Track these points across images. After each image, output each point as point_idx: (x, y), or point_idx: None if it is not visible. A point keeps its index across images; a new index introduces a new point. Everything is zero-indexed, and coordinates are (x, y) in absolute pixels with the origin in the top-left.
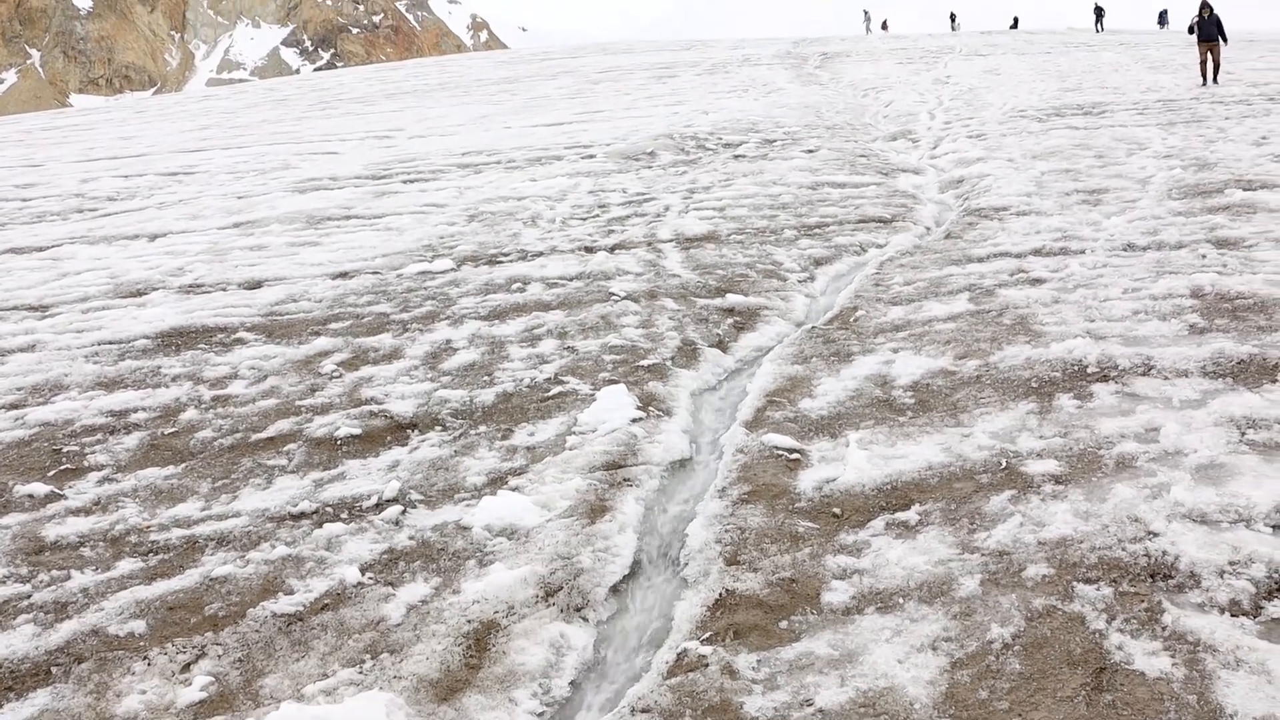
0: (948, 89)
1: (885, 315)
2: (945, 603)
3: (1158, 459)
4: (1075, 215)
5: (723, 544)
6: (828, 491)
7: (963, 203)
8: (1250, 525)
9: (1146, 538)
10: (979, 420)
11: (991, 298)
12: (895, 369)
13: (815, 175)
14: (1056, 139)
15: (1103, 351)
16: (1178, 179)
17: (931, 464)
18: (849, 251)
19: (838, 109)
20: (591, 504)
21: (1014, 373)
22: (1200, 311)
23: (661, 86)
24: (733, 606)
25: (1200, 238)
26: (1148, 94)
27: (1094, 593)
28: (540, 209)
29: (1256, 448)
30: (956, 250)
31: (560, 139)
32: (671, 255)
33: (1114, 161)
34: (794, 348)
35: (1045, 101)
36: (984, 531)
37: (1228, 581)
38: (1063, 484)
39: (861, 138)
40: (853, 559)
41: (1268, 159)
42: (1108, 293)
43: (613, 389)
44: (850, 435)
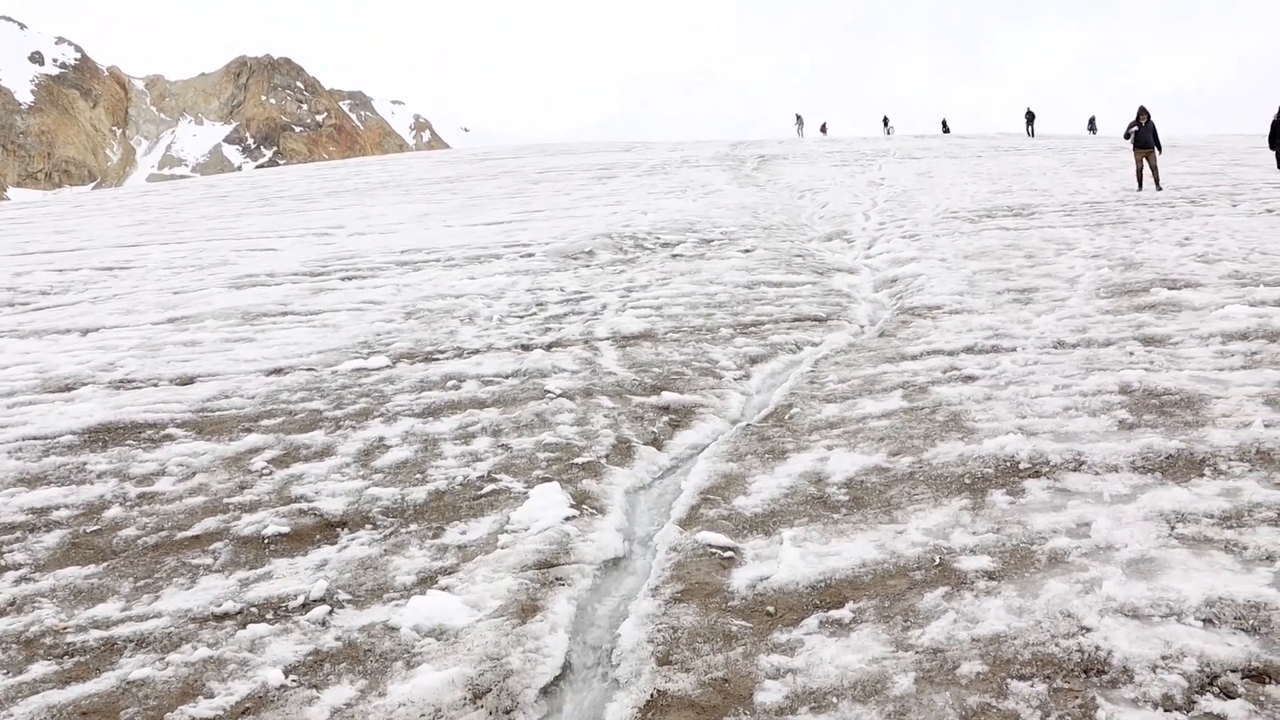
0: (882, 190)
1: (820, 413)
2: (879, 701)
3: (1089, 554)
4: (1006, 313)
5: (655, 644)
6: (761, 590)
7: (897, 301)
8: (1181, 619)
9: (1079, 633)
10: (913, 517)
11: (925, 395)
12: (830, 466)
13: (752, 274)
14: (988, 239)
15: (1034, 447)
16: (1105, 278)
17: (865, 561)
18: (784, 349)
19: (774, 210)
20: (523, 603)
21: (947, 469)
22: (1129, 407)
23: (601, 187)
24: (664, 708)
25: (1128, 335)
26: (1075, 196)
27: (1028, 690)
28: (478, 307)
29: (1186, 541)
30: (890, 348)
31: (499, 238)
32: (608, 353)
33: (1043, 261)
34: (729, 445)
35: (977, 203)
36: (918, 629)
37: (1160, 676)
38: (996, 580)
39: (798, 238)
40: (786, 658)
41: (1191, 259)
42: (1039, 389)
43: (546, 487)
44: (784, 533)
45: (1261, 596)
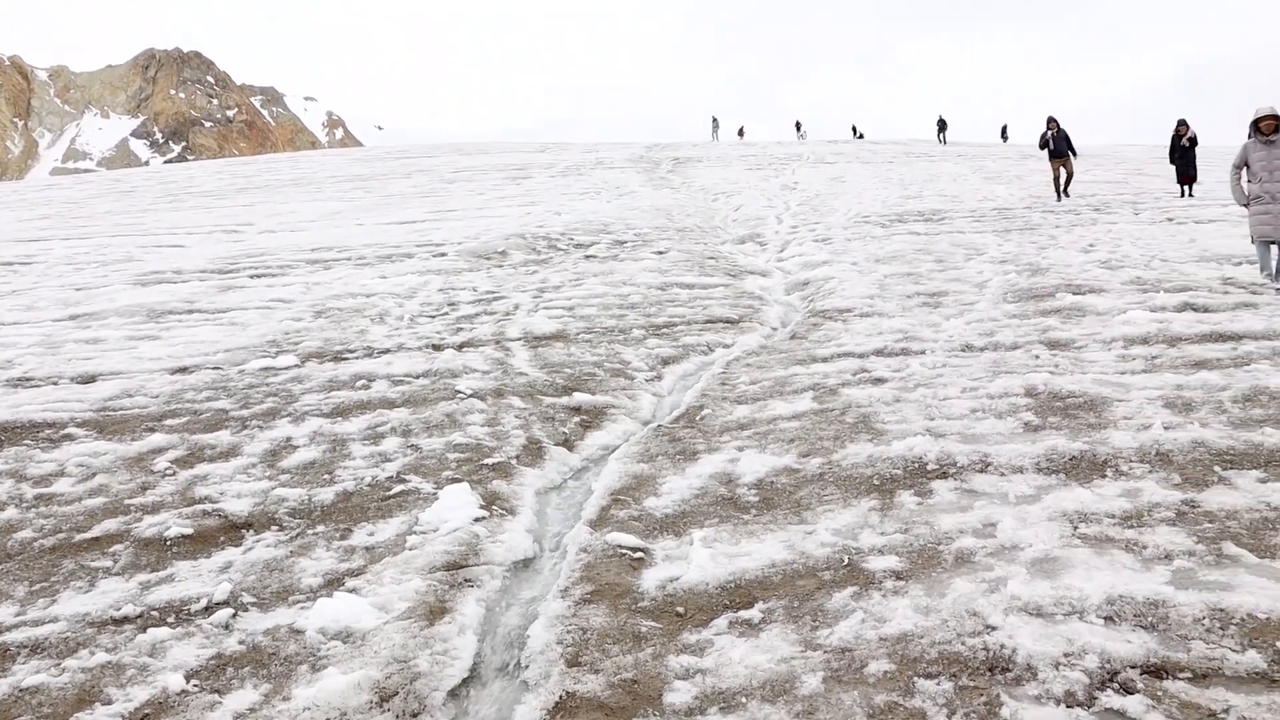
0: (795, 195)
1: (731, 414)
2: (788, 701)
3: (995, 553)
4: (916, 317)
5: (564, 645)
6: (671, 590)
7: (808, 304)
8: (1083, 617)
9: (985, 632)
10: (822, 517)
11: (835, 397)
12: (740, 467)
13: (665, 276)
14: (898, 244)
15: (942, 449)
16: (1012, 283)
17: (775, 561)
18: (696, 351)
19: (688, 212)
20: (431, 605)
21: (856, 470)
22: (1034, 410)
23: (515, 187)
24: (573, 709)
25: (1034, 339)
26: (984, 203)
27: (934, 688)
28: (389, 306)
29: (1088, 541)
30: (801, 350)
31: (412, 237)
32: (520, 353)
33: (953, 266)
34: (640, 446)
35: (888, 208)
36: (826, 628)
37: (1063, 673)
38: (904, 580)
39: (711, 240)
40: (696, 658)
41: (1095, 265)
42: (947, 392)
43: (456, 488)
44: (695, 533)
45: (1160, 594)
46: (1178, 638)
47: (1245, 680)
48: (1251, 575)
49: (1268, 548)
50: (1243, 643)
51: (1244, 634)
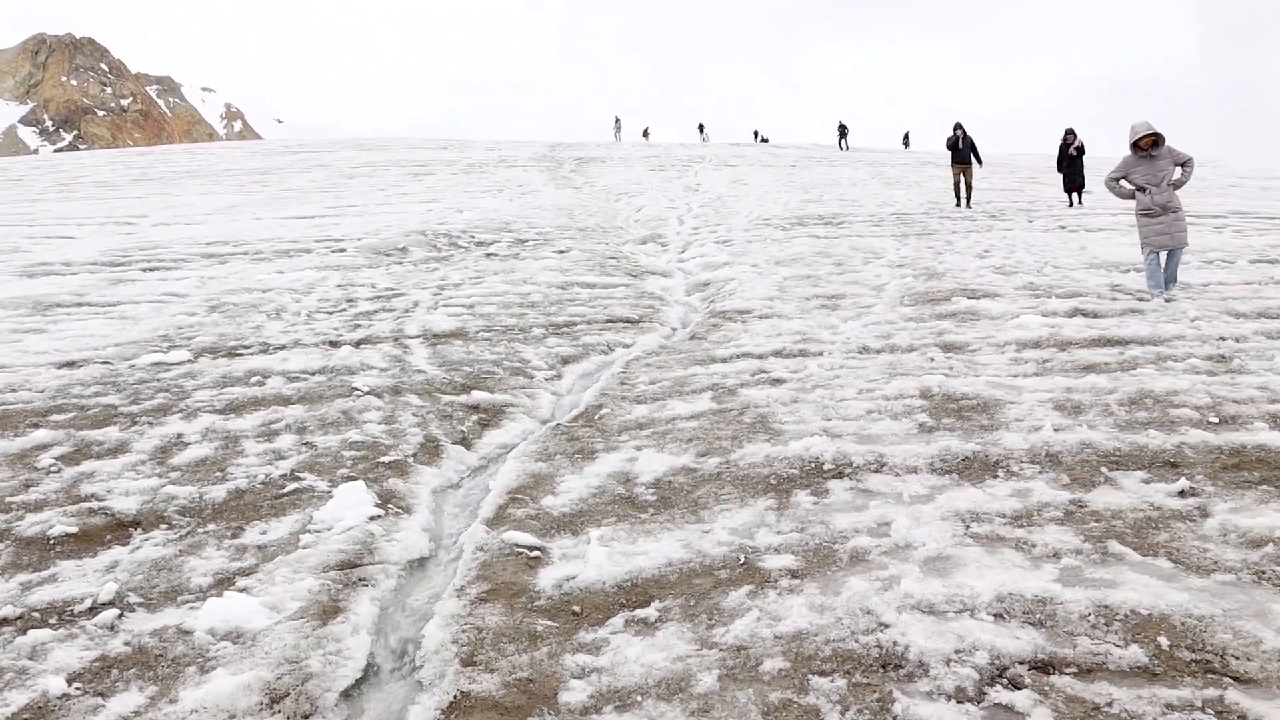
0: (697, 196)
1: (630, 413)
2: (684, 699)
3: (889, 552)
4: (814, 319)
5: (460, 644)
6: (568, 589)
7: (708, 305)
8: (974, 614)
9: (878, 629)
10: (719, 517)
11: (733, 397)
12: (638, 466)
13: (566, 275)
14: (798, 247)
15: (838, 449)
16: (909, 287)
17: (672, 560)
18: (596, 350)
19: (590, 212)
20: (324, 605)
21: (754, 470)
22: (929, 411)
23: (417, 184)
24: (468, 709)
25: (929, 342)
26: (883, 207)
27: (828, 685)
28: (285, 301)
29: (980, 540)
30: (701, 351)
31: (311, 232)
32: (418, 351)
33: (851, 269)
34: (538, 445)
35: (789, 211)
36: (722, 627)
37: (954, 669)
38: (799, 578)
39: (613, 240)
40: (591, 657)
41: (989, 270)
42: (844, 393)
43: (351, 486)
44: (592, 532)
45: (1048, 592)
46: (1064, 634)
47: (1128, 674)
48: (1135, 573)
49: (1150, 546)
50: (1126, 638)
51: (1127, 629)
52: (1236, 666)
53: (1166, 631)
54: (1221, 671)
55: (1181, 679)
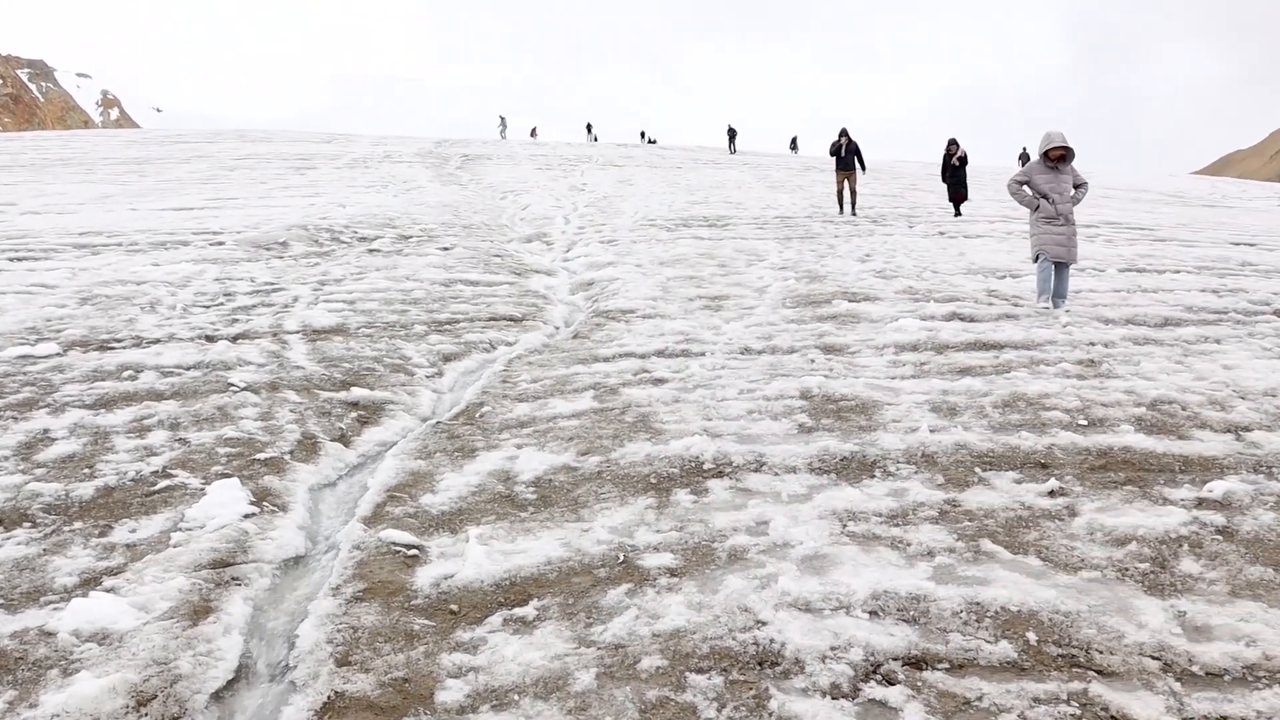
0: (583, 196)
1: (511, 412)
2: (561, 698)
3: (767, 551)
4: (697, 319)
5: (334, 644)
6: (445, 588)
7: (592, 304)
8: (850, 612)
9: (755, 627)
10: (599, 515)
11: (615, 396)
12: (519, 465)
13: (450, 272)
14: (683, 248)
15: (719, 448)
16: (792, 289)
17: (551, 559)
18: (479, 348)
19: (476, 209)
20: (195, 605)
21: (634, 469)
22: (809, 412)
23: (299, 177)
24: (342, 710)
25: (810, 344)
26: (768, 210)
27: (705, 682)
28: (161, 294)
29: (856, 539)
30: (584, 350)
31: (189, 224)
32: (297, 347)
33: (735, 271)
34: (418, 443)
35: (674, 212)
36: (601, 625)
37: (829, 666)
38: (678, 577)
39: (498, 238)
40: (469, 656)
41: (870, 274)
42: (725, 393)
43: (225, 483)
44: (471, 531)
45: (922, 589)
46: (937, 630)
47: (998, 669)
48: (1006, 570)
49: (1021, 544)
50: (996, 634)
51: (997, 626)
52: (1100, 660)
53: (1035, 627)
54: (1086, 665)
55: (1048, 673)
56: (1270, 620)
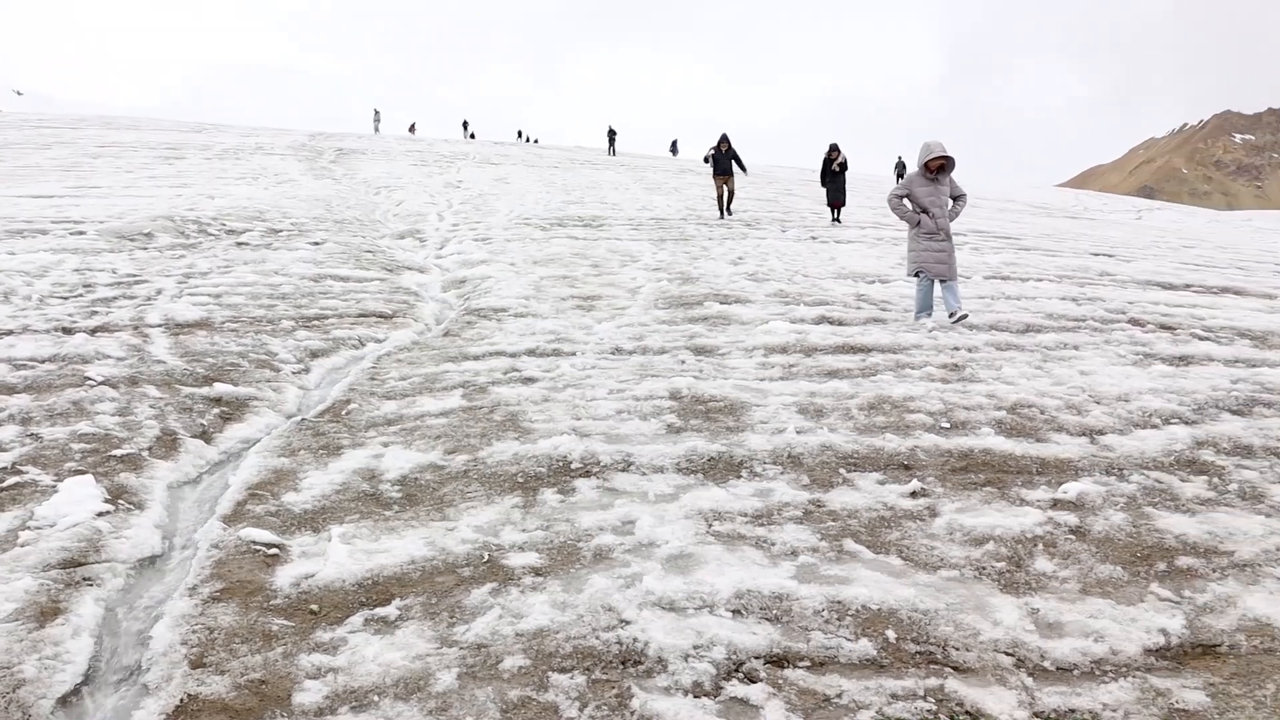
0: (459, 193)
1: (378, 409)
2: (422, 698)
3: (633, 550)
4: (569, 319)
5: (189, 646)
6: (306, 588)
7: (464, 302)
8: (713, 611)
9: (619, 626)
10: (465, 514)
11: (485, 394)
12: (385, 463)
13: (319, 267)
14: (557, 247)
15: (586, 448)
16: (664, 290)
17: (415, 558)
18: (347, 345)
19: (349, 204)
20: (43, 606)
21: (501, 468)
22: (677, 412)
23: (167, 167)
24: (195, 713)
25: (681, 345)
26: (643, 212)
27: (568, 682)
28: (16, 284)
29: (721, 538)
30: (454, 348)
31: (48, 212)
32: (159, 341)
33: (608, 271)
34: (282, 440)
35: (550, 211)
36: (464, 625)
37: (692, 665)
38: (543, 576)
39: (370, 234)
40: (328, 657)
41: (742, 277)
42: (594, 393)
43: (78, 480)
44: (334, 529)
45: (785, 588)
46: (799, 629)
47: (858, 666)
48: (867, 569)
49: (883, 544)
50: (856, 632)
51: (858, 624)
52: (956, 657)
53: (894, 625)
54: (943, 662)
55: (906, 670)
56: (1118, 616)
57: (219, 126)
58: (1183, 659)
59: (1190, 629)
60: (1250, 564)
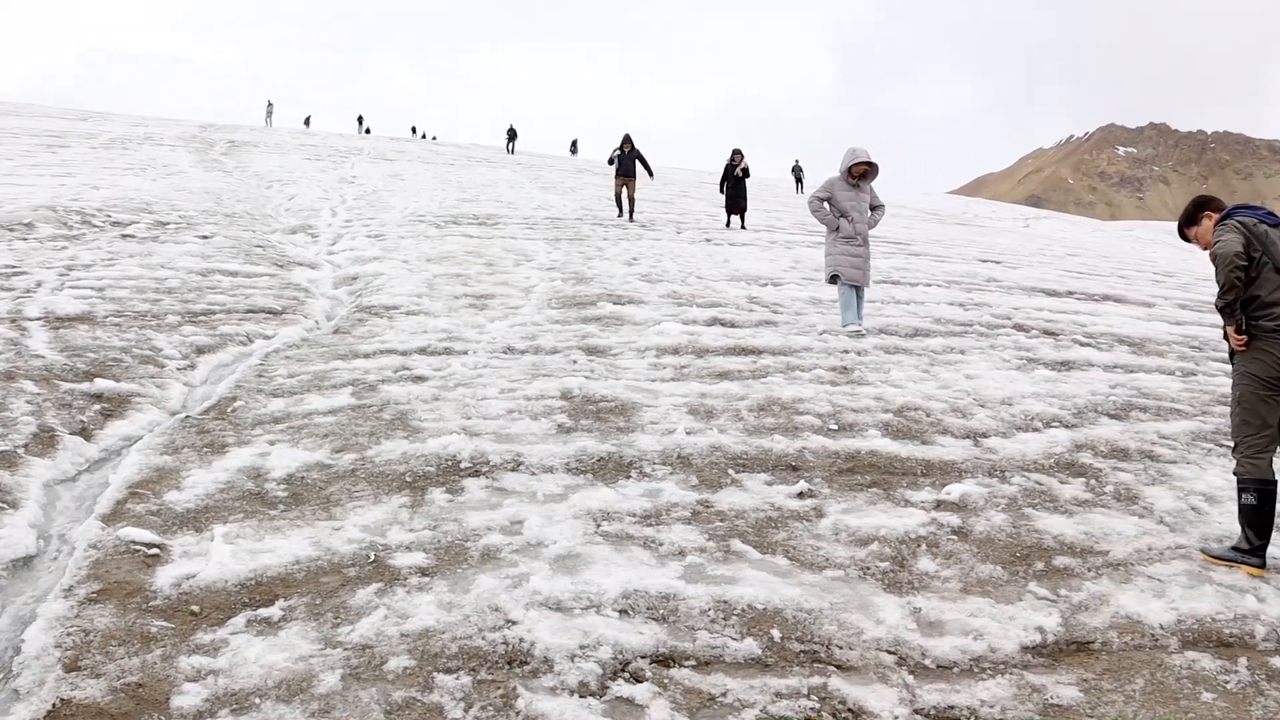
0: (352, 188)
1: (265, 407)
2: (304, 700)
3: (520, 550)
4: (462, 318)
5: (63, 649)
6: (187, 588)
7: (355, 299)
8: (600, 611)
9: (505, 626)
10: (352, 514)
11: (374, 393)
12: (271, 461)
13: (208, 262)
14: (451, 245)
15: (476, 447)
16: (558, 290)
17: (300, 558)
18: (235, 341)
19: (240, 198)
20: None
21: (390, 467)
22: (568, 412)
23: (51, 155)
24: (68, 718)
25: (573, 345)
26: (539, 211)
27: (453, 682)
28: None
29: (609, 538)
30: (344, 345)
31: None
32: (38, 334)
33: (502, 270)
34: (165, 437)
35: (444, 209)
36: (348, 625)
37: (578, 665)
38: (429, 576)
39: (261, 228)
40: (209, 659)
41: (636, 278)
42: (486, 392)
43: None
44: (216, 529)
45: (672, 588)
46: (685, 628)
47: (743, 665)
48: (754, 570)
49: (770, 544)
50: (742, 631)
51: (743, 623)
52: (840, 655)
53: (779, 624)
54: (826, 661)
55: (790, 669)
56: (996, 615)
57: (106, 115)
58: (1058, 656)
59: (1065, 627)
60: (1124, 563)
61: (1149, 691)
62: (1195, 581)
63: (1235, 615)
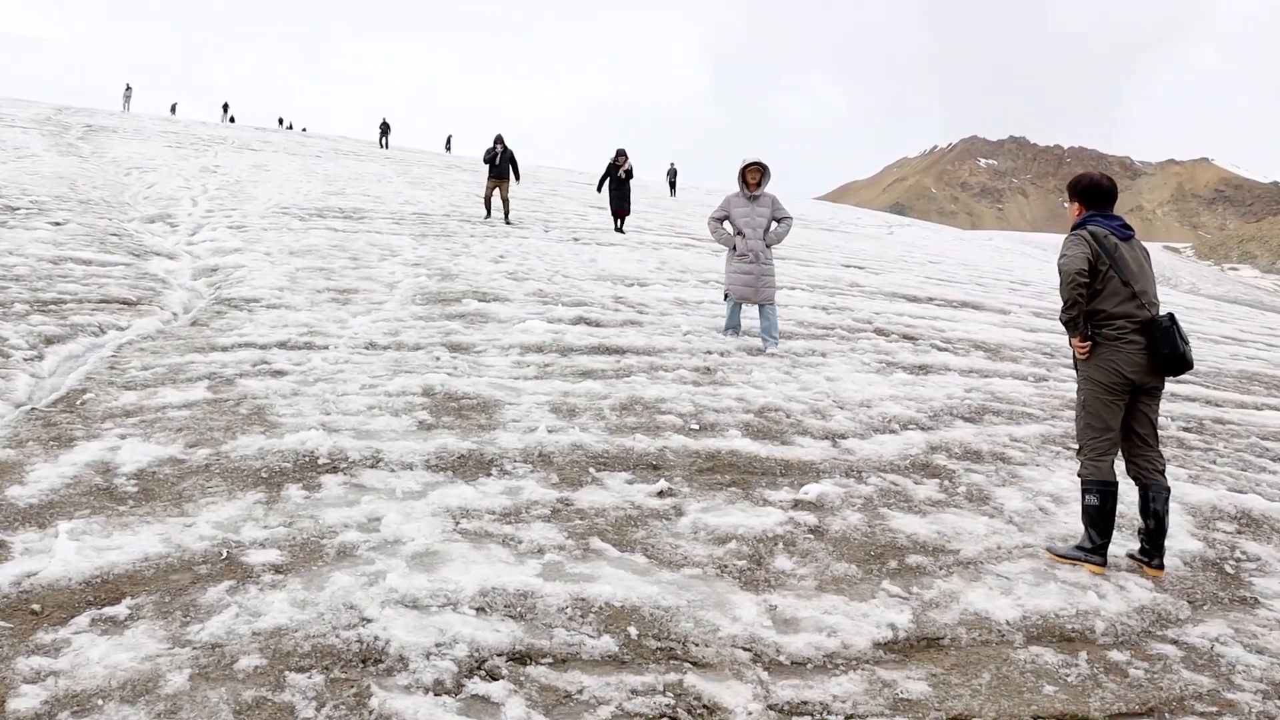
0: (215, 178)
1: (117, 400)
2: (150, 701)
3: (378, 547)
4: (324, 312)
5: None
6: (28, 587)
7: (215, 291)
8: (457, 609)
9: (360, 624)
10: (204, 510)
11: (231, 387)
12: (121, 456)
13: (60, 249)
14: (315, 238)
15: (335, 444)
16: (423, 286)
17: (149, 555)
18: (86, 332)
19: (96, 184)
20: None
21: (245, 463)
22: (430, 409)
23: None
24: None
25: (437, 341)
26: (406, 206)
27: (305, 681)
28: None
29: (468, 536)
30: (201, 338)
31: None
32: None
33: (367, 264)
34: (9, 430)
35: (309, 201)
36: (198, 624)
37: (433, 663)
38: (283, 573)
39: (117, 216)
40: (49, 660)
41: (502, 276)
42: (346, 388)
43: None
44: (61, 525)
45: (530, 586)
46: (543, 626)
47: (600, 663)
48: (612, 567)
49: (629, 542)
50: (599, 629)
51: (601, 621)
52: (696, 653)
53: (636, 622)
54: (683, 658)
55: (647, 666)
56: (850, 613)
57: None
58: (909, 652)
59: (916, 623)
60: (973, 562)
61: (995, 685)
62: (1041, 579)
63: (1077, 611)
